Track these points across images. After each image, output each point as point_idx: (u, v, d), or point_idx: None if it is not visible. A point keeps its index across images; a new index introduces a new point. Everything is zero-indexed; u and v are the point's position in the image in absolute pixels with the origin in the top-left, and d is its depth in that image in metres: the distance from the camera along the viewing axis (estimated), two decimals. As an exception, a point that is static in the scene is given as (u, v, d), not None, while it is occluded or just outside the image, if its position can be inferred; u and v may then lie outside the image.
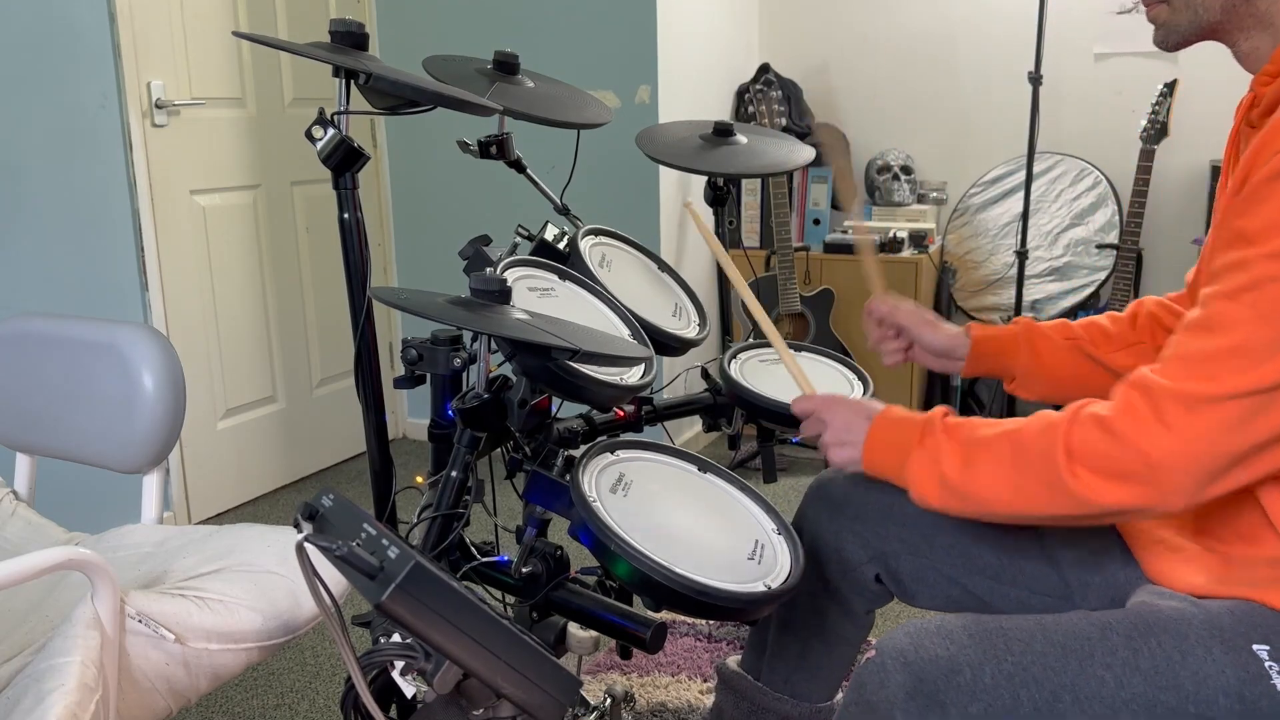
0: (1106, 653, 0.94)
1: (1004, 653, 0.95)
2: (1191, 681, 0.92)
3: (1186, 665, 0.93)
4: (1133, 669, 0.93)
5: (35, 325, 1.56)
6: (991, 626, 0.98)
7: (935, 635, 0.97)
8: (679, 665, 2.06)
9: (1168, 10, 1.04)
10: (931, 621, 1.00)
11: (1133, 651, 0.94)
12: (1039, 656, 0.94)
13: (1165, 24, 1.05)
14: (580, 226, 1.47)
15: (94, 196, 2.49)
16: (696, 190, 3.23)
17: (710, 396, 1.49)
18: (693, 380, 3.10)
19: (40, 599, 1.33)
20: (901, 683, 0.95)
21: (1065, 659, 0.94)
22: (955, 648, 0.95)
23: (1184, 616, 0.97)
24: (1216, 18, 1.01)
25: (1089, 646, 0.95)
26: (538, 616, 1.14)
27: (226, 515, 2.94)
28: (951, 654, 0.95)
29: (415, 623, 0.83)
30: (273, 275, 3.06)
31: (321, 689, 2.05)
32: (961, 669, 0.94)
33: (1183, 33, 1.04)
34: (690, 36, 3.17)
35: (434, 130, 3.22)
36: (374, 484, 1.32)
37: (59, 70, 2.39)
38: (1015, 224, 3.25)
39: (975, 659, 0.94)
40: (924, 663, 0.95)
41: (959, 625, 0.98)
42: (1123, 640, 0.95)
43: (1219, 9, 1.00)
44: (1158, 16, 1.06)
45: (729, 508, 1.19)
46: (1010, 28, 3.31)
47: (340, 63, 1.16)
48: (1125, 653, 0.94)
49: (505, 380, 1.16)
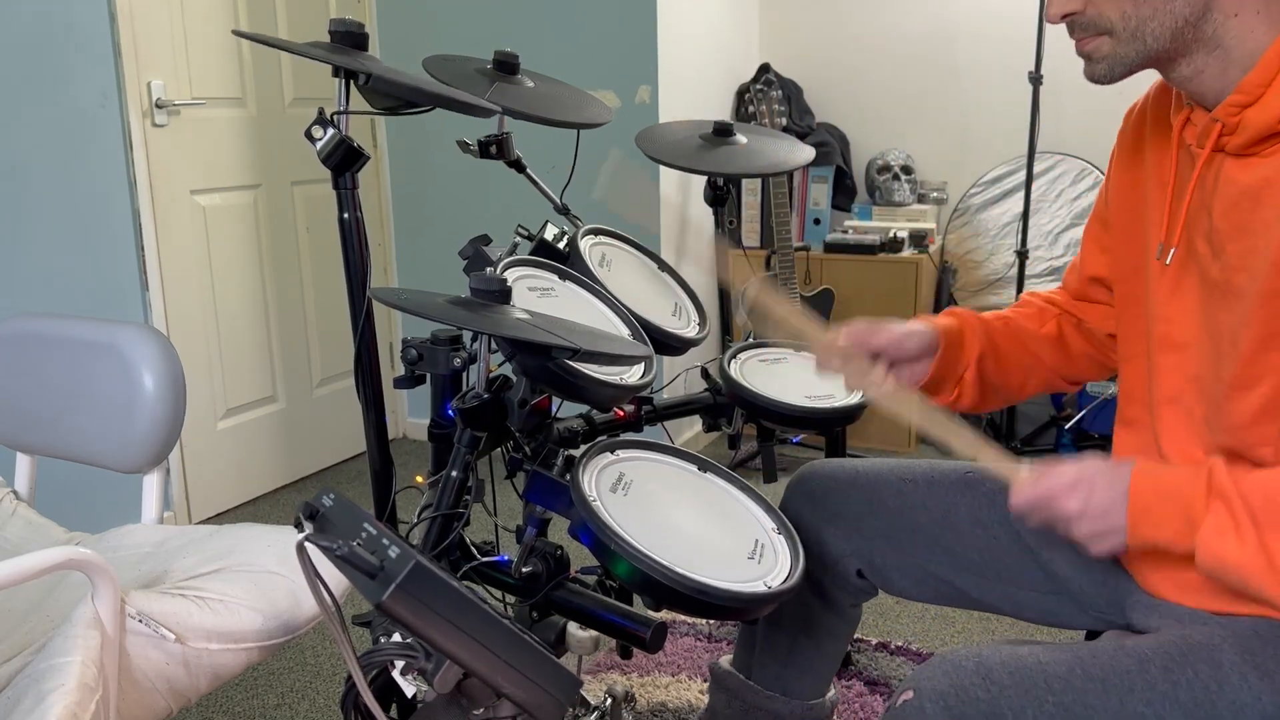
0: (1146, 687, 0.93)
1: (1044, 692, 0.93)
2: (1230, 711, 0.92)
3: (1224, 695, 0.92)
4: (1172, 701, 0.92)
5: (35, 325, 1.56)
6: (1030, 662, 0.96)
7: (974, 675, 0.95)
8: (679, 665, 2.06)
9: (1110, 42, 0.99)
10: (969, 658, 0.97)
11: (1171, 684, 0.93)
12: (1079, 695, 0.93)
13: (1108, 56, 1.00)
14: (580, 226, 1.47)
15: (94, 196, 2.49)
16: (696, 190, 3.23)
17: (710, 396, 1.49)
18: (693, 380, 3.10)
19: (40, 599, 1.33)
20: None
21: (1106, 696, 0.93)
22: (996, 690, 0.93)
23: (1215, 642, 0.96)
24: (1166, 45, 0.97)
25: (1129, 681, 0.94)
26: (538, 616, 1.14)
27: (226, 515, 2.94)
28: (992, 696, 0.93)
29: (415, 622, 0.83)
30: (273, 275, 3.06)
31: (321, 689, 2.05)
32: (1003, 713, 0.92)
33: (1129, 64, 1.00)
34: (690, 36, 3.17)
35: (434, 130, 3.22)
36: (374, 484, 1.32)
37: (59, 70, 2.39)
38: (1015, 224, 3.25)
39: (1016, 702, 0.93)
40: (964, 706, 0.93)
41: (998, 662, 0.96)
42: (1161, 672, 0.94)
43: (1169, 36, 0.97)
44: (1097, 50, 1.01)
45: (729, 507, 1.19)
46: (1010, 28, 3.31)
47: (340, 63, 1.16)
48: (1164, 686, 0.93)
49: (505, 380, 1.16)
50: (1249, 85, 0.96)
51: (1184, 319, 1.06)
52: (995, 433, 3.31)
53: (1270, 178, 0.95)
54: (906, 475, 1.30)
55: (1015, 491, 1.03)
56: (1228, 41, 0.97)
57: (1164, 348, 1.09)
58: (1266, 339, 0.96)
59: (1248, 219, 0.97)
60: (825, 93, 3.60)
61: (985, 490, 1.25)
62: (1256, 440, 1.00)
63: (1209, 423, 1.02)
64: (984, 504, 1.24)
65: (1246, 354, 0.98)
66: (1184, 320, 1.06)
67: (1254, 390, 0.98)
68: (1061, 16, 1.02)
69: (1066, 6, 1.01)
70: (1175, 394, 1.07)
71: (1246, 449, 1.00)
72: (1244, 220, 0.97)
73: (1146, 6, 0.97)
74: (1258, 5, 0.95)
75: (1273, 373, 0.97)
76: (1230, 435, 1.01)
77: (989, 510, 1.24)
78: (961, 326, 1.26)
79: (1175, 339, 1.07)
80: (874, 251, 3.25)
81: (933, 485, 1.28)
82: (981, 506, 1.24)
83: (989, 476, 1.11)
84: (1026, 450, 3.22)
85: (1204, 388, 1.04)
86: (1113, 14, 0.98)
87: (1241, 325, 0.98)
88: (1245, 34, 0.96)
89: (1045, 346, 1.29)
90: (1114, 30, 0.99)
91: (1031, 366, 1.30)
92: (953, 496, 1.26)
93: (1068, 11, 1.01)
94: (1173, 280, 1.07)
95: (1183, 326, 1.06)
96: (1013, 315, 1.31)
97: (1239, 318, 0.98)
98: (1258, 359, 0.97)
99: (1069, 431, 3.05)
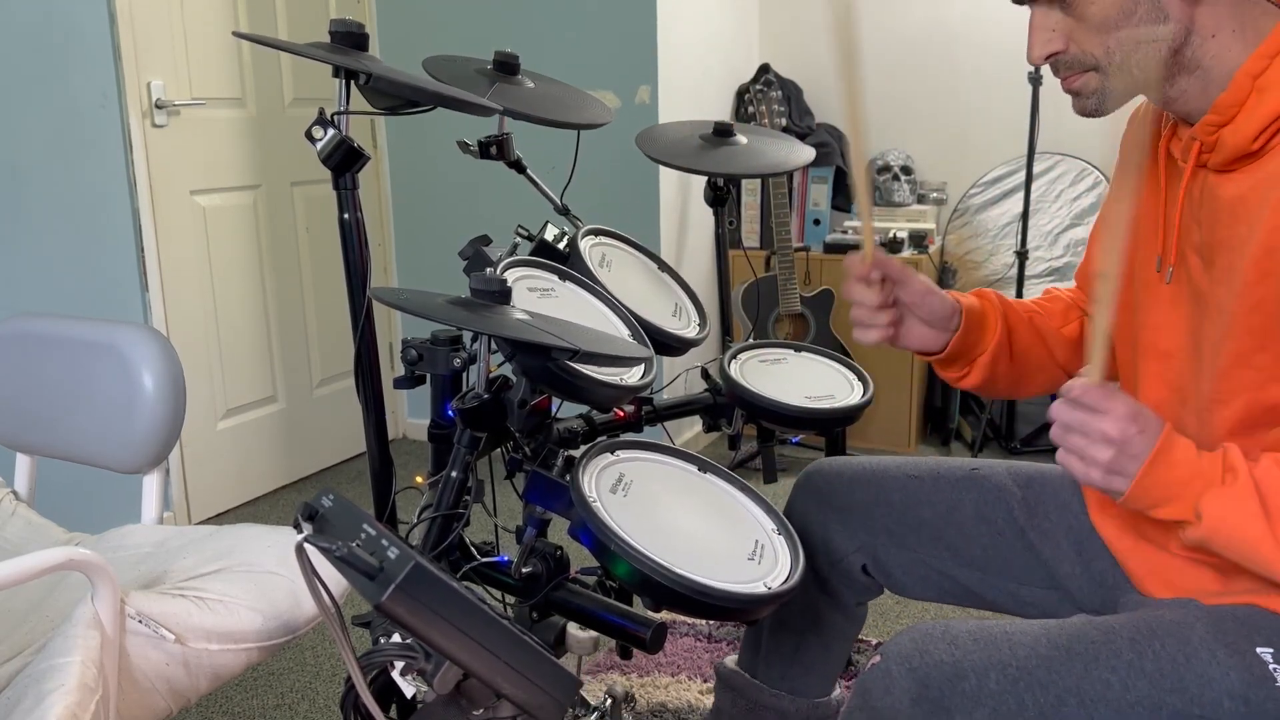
0: (1111, 655, 0.94)
1: (1009, 657, 0.94)
2: (1196, 684, 0.92)
3: (1191, 668, 0.92)
4: (1138, 672, 0.93)
5: (35, 325, 1.56)
6: (996, 631, 0.97)
7: (940, 640, 0.97)
8: (679, 665, 2.06)
9: (1098, 78, 1.00)
10: (936, 626, 0.99)
11: (1137, 654, 0.94)
12: (1044, 660, 0.94)
13: (1097, 91, 1.01)
14: (580, 226, 1.47)
15: (94, 197, 2.49)
16: (697, 190, 3.23)
17: (710, 396, 1.49)
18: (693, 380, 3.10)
19: (40, 599, 1.33)
20: (907, 689, 0.94)
21: (1070, 662, 0.94)
22: (960, 653, 0.95)
23: (1188, 620, 0.97)
24: (1156, 74, 0.98)
25: (1094, 650, 0.94)
26: (538, 616, 1.14)
27: (226, 515, 2.94)
28: (956, 659, 0.95)
29: (415, 623, 0.83)
30: (273, 275, 3.06)
31: (321, 689, 2.05)
32: (966, 675, 0.94)
33: (1119, 96, 1.00)
34: (690, 37, 3.17)
35: (434, 130, 3.22)
36: (374, 484, 1.32)
37: (59, 70, 2.39)
38: (1015, 224, 3.25)
39: (980, 664, 0.94)
40: (929, 668, 0.95)
41: (964, 630, 0.98)
42: (1127, 643, 0.95)
43: (1155, 65, 0.97)
44: (1085, 86, 1.01)
45: (729, 508, 1.19)
46: (1010, 28, 3.31)
47: (340, 63, 1.16)
48: (1130, 655, 0.94)
49: (505, 380, 1.16)
50: (1222, 105, 0.96)
51: (1172, 330, 1.06)
52: (995, 433, 3.31)
53: (1245, 195, 0.95)
54: (912, 472, 1.30)
55: (1074, 384, 0.94)
56: (1206, 62, 0.97)
57: (1149, 356, 1.09)
58: (1241, 355, 0.96)
59: (1228, 234, 0.97)
60: (825, 93, 3.60)
61: (990, 487, 1.26)
62: None
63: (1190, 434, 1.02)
64: (989, 500, 1.25)
65: (1223, 368, 0.98)
66: (1172, 331, 1.06)
67: (1229, 405, 0.98)
68: (1045, 58, 1.01)
69: (1048, 48, 1.01)
70: (1156, 404, 1.05)
71: None
72: (1225, 235, 0.98)
73: (1129, 39, 0.96)
74: (1233, 25, 0.95)
75: (1245, 390, 0.97)
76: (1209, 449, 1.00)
77: (994, 507, 1.24)
78: (985, 310, 1.24)
79: (1161, 348, 1.07)
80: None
81: (938, 481, 1.28)
82: (986, 503, 1.25)
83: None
84: (1027, 450, 3.23)
85: (1186, 399, 1.04)
86: (1096, 50, 0.98)
87: (1222, 339, 0.98)
88: (1223, 54, 0.96)
89: (1062, 346, 1.29)
90: (1100, 65, 0.99)
91: (1043, 363, 1.30)
92: (958, 493, 1.26)
93: (1050, 52, 1.01)
94: (1166, 291, 1.07)
95: (1169, 336, 1.06)
96: (1038, 310, 1.31)
97: (1220, 331, 0.98)
98: (1231, 374, 0.97)
99: (1069, 432, 3.04)
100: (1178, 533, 0.96)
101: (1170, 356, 1.06)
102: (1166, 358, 1.06)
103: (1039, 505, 1.23)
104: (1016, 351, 1.27)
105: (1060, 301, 1.31)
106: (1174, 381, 1.06)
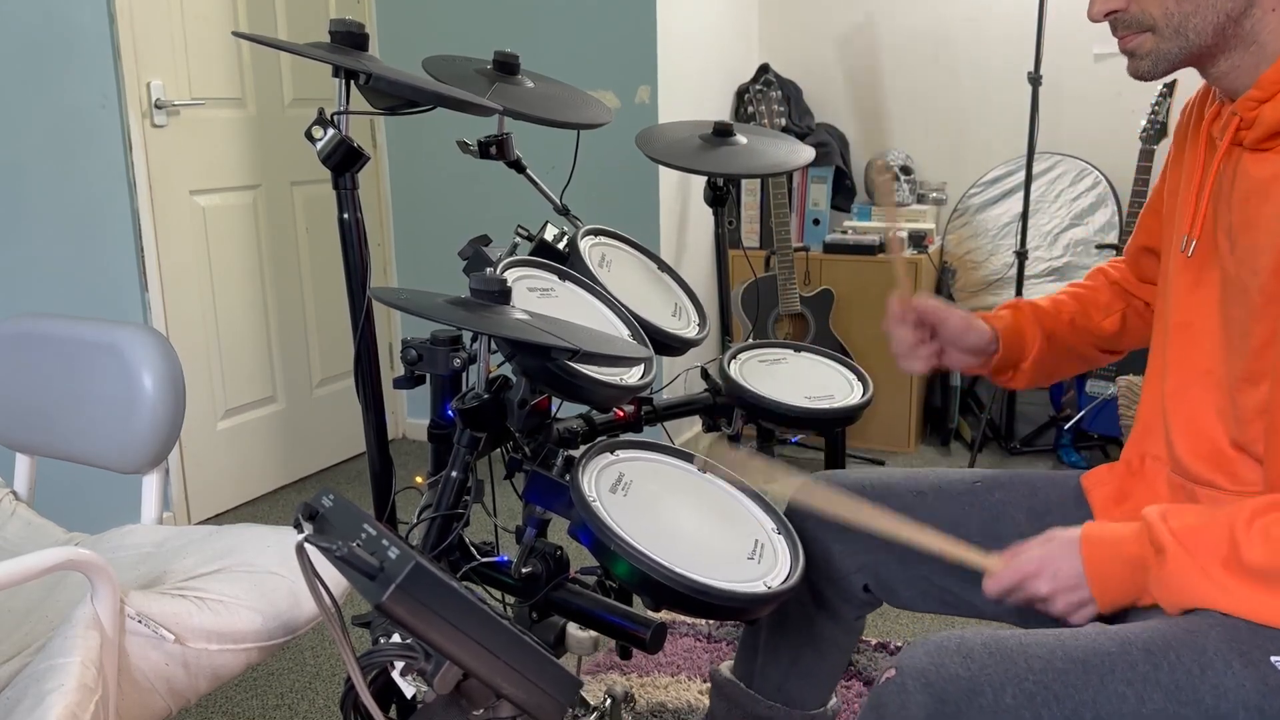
0: (1127, 668, 0.93)
1: (1025, 671, 0.93)
2: (1212, 696, 0.91)
3: (1206, 679, 0.92)
4: (1153, 684, 0.92)
5: (35, 325, 1.56)
6: (1011, 643, 0.96)
7: (955, 654, 0.95)
8: (679, 665, 2.06)
9: (1153, 39, 1.01)
10: (950, 638, 0.98)
11: (1153, 666, 0.93)
12: (1059, 674, 0.93)
13: (1151, 53, 1.01)
14: (580, 226, 1.47)
15: (94, 196, 2.49)
16: (696, 190, 3.23)
17: (710, 396, 1.49)
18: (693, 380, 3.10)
19: (40, 599, 1.33)
20: (923, 704, 0.93)
21: (1086, 675, 0.93)
22: (976, 667, 0.94)
23: (1202, 629, 0.96)
24: (1209, 41, 0.99)
25: (1109, 662, 0.94)
26: (538, 616, 1.14)
27: (226, 515, 2.94)
28: (972, 674, 0.93)
29: (415, 623, 0.83)
30: (273, 275, 3.06)
31: (321, 689, 2.05)
32: (983, 689, 0.92)
33: (1171, 60, 1.01)
34: (690, 36, 3.17)
35: (434, 130, 3.22)
36: (374, 484, 1.32)
37: (59, 70, 2.39)
38: (1015, 224, 3.25)
39: (996, 679, 0.93)
40: (945, 683, 0.93)
41: (978, 642, 0.97)
42: (1142, 655, 0.94)
43: (1211, 32, 0.98)
44: (1140, 46, 1.02)
45: (729, 507, 1.19)
46: (1010, 28, 3.32)
47: (340, 63, 1.16)
48: (1145, 668, 0.93)
49: (505, 380, 1.16)
50: (1266, 81, 0.97)
51: (1202, 310, 1.07)
52: (995, 433, 3.31)
53: (1278, 174, 0.95)
54: (914, 487, 1.30)
55: (987, 580, 1.07)
56: (1263, 37, 0.97)
57: (1180, 336, 1.10)
58: (1270, 337, 0.97)
59: (1256, 214, 0.97)
60: (825, 93, 3.60)
61: (993, 501, 1.25)
62: (1255, 436, 1.00)
63: (1221, 414, 1.02)
64: (994, 515, 1.24)
65: (1254, 349, 0.99)
66: (1201, 311, 1.07)
67: (1259, 386, 0.99)
68: (1105, 14, 1.03)
69: (1109, 4, 1.02)
70: (1185, 384, 1.08)
71: (1248, 443, 1.01)
72: (1253, 214, 0.98)
73: (1189, 3, 0.97)
74: None
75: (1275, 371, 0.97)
76: (1239, 428, 1.01)
77: (997, 522, 1.24)
78: (1022, 327, 1.31)
79: (1192, 329, 1.08)
80: (873, 252, 3.25)
81: (940, 495, 1.27)
82: (990, 518, 1.24)
83: (965, 560, 1.14)
84: (1026, 450, 3.22)
85: (1217, 380, 1.05)
86: (1155, 10, 0.99)
87: (1251, 320, 0.99)
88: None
89: (1103, 338, 1.34)
90: (1156, 27, 1.00)
91: (1084, 355, 1.36)
92: (961, 508, 1.26)
93: (1110, 9, 1.02)
94: (1194, 272, 1.08)
95: (1200, 317, 1.07)
96: (1078, 309, 1.34)
97: (1248, 312, 0.99)
98: (1262, 355, 0.98)
99: (1068, 431, 3.05)
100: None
101: (1200, 339, 1.07)
102: (1196, 340, 1.07)
103: (1045, 514, 1.22)
104: (1058, 351, 1.32)
105: (1103, 293, 1.35)
106: (1203, 363, 1.06)
